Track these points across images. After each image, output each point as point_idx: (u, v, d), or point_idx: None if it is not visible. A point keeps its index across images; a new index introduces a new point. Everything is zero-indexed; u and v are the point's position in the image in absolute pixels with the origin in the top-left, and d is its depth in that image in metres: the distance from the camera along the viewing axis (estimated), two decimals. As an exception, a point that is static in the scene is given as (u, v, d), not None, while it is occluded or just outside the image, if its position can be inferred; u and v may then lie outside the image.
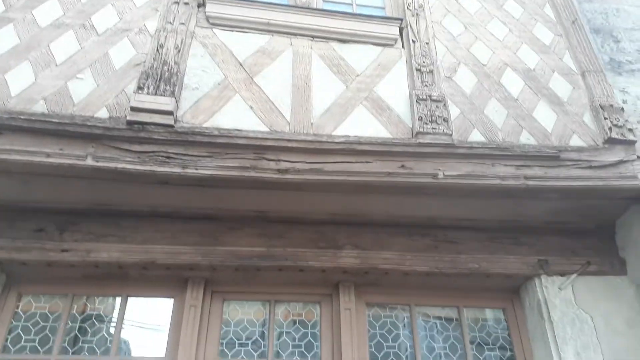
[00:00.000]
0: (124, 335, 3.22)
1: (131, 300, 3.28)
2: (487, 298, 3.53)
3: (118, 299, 3.26)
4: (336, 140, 3.08)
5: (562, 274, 3.35)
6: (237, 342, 3.25)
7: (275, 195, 3.13)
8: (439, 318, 3.52)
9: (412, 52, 3.54)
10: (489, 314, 3.57)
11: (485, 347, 3.42)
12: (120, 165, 2.83)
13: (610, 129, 3.31)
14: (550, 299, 3.26)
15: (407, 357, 3.32)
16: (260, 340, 3.28)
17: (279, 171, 2.97)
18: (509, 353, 3.40)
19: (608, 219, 3.46)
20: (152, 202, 3.16)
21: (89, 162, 2.81)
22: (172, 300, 3.27)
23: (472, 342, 3.39)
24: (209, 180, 2.92)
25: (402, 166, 3.09)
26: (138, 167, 2.85)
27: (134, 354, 3.26)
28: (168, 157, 2.89)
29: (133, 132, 2.90)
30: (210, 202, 3.17)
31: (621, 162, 3.22)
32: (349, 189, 3.10)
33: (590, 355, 3.09)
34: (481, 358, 3.37)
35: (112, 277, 3.22)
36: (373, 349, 3.29)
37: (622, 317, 3.24)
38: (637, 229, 3.28)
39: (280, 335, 3.32)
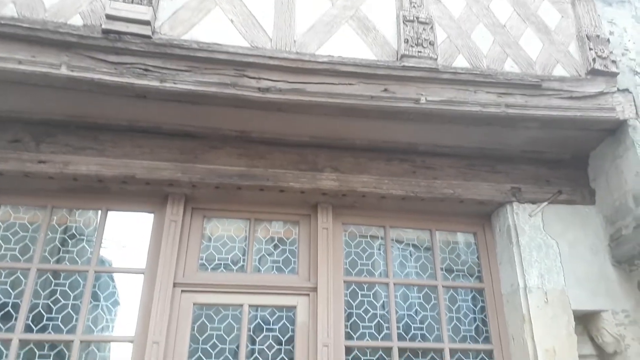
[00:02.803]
0: (104, 247, 3.28)
1: (111, 215, 3.32)
2: (460, 223, 3.66)
3: (98, 213, 3.28)
4: (319, 60, 3.01)
5: (534, 202, 3.46)
6: (217, 256, 3.35)
7: (256, 115, 3.10)
8: (412, 240, 3.65)
9: (402, -30, 3.40)
10: (460, 238, 3.73)
11: (455, 267, 3.60)
12: (96, 76, 2.76)
13: (594, 59, 3.30)
14: (520, 224, 3.39)
15: (379, 274, 3.48)
16: (240, 255, 3.38)
17: (260, 90, 2.92)
18: (476, 274, 3.58)
19: (583, 151, 3.54)
20: (130, 116, 3.11)
21: (64, 71, 2.72)
22: (152, 215, 3.32)
23: (442, 263, 3.55)
24: (188, 95, 2.87)
25: (385, 90, 3.07)
26: (115, 78, 2.78)
27: (114, 266, 3.35)
28: (146, 70, 2.81)
29: (109, 42, 2.79)
30: (190, 119, 3.14)
31: (601, 93, 3.25)
32: (331, 112, 3.08)
33: (553, 277, 3.27)
34: (450, 278, 3.56)
35: (92, 191, 3.23)
36: (348, 266, 3.43)
37: (586, 244, 3.41)
38: (610, 161, 3.37)
39: (259, 251, 3.43)
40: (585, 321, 3.28)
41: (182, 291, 3.10)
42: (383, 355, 3.26)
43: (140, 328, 2.98)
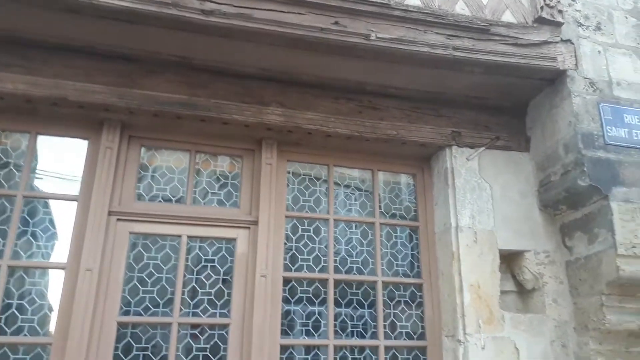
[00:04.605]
0: (38, 177, 3.15)
1: (42, 139, 3.15)
2: (401, 164, 3.75)
3: (27, 136, 3.10)
4: (268, -15, 2.88)
5: (472, 146, 3.57)
6: (155, 187, 3.28)
7: (199, 40, 2.95)
8: (354, 180, 3.71)
9: None
10: (400, 179, 3.82)
11: (392, 206, 3.71)
12: (20, -16, 2.52)
13: (542, 8, 3.33)
14: (457, 167, 3.50)
15: (320, 210, 3.53)
16: (180, 187, 3.32)
17: (204, 12, 2.77)
18: (412, 213, 3.72)
19: (523, 99, 3.64)
20: (62, 33, 2.90)
21: (-17, -25, 2.47)
22: (86, 142, 3.17)
23: (381, 202, 3.65)
24: (125, 13, 2.67)
25: (336, 23, 2.99)
26: (42, -12, 2.55)
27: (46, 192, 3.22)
28: (78, -19, 2.59)
29: (35, -54, 2.54)
30: (128, 40, 2.96)
31: (545, 42, 3.31)
32: (278, 42, 2.97)
33: (483, 218, 3.43)
34: (387, 215, 3.67)
35: (20, 112, 3.04)
36: (290, 202, 3.46)
37: (517, 189, 3.57)
38: (547, 110, 3.49)
39: (200, 183, 3.38)
40: (510, 260, 3.50)
41: (117, 219, 3.04)
42: (319, 286, 3.36)
43: (72, 255, 2.92)
